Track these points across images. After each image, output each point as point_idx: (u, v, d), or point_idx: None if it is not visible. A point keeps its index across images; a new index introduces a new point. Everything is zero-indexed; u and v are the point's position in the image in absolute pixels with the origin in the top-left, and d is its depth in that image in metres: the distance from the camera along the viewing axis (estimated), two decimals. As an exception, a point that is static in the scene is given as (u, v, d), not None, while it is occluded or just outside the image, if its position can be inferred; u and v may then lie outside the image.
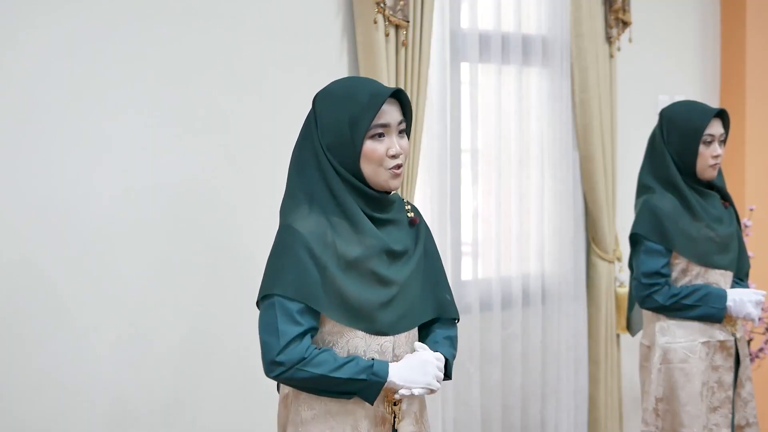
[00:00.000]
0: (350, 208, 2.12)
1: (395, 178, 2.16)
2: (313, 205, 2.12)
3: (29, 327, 2.91)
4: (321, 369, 2.05)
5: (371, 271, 2.12)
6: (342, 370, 2.06)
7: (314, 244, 2.07)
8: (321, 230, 2.09)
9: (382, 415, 2.17)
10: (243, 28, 3.29)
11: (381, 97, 2.10)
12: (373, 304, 2.13)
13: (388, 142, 2.13)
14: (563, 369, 4.20)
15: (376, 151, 2.12)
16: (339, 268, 2.09)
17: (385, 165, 2.13)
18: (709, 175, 3.26)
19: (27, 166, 2.90)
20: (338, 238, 2.10)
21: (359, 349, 2.14)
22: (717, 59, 4.96)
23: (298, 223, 2.10)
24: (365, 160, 2.12)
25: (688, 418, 3.22)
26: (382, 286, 2.14)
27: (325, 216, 2.11)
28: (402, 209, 2.27)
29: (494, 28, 3.92)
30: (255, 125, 3.33)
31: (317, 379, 2.06)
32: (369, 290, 2.12)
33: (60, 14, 2.94)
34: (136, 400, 3.10)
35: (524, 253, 4.08)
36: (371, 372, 2.08)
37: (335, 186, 2.12)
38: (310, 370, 2.05)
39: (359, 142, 2.10)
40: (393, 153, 2.13)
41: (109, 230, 3.03)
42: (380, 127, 2.12)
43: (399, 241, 2.20)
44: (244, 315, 3.23)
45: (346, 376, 2.06)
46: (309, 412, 2.16)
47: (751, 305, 3.21)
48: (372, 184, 2.15)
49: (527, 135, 4.08)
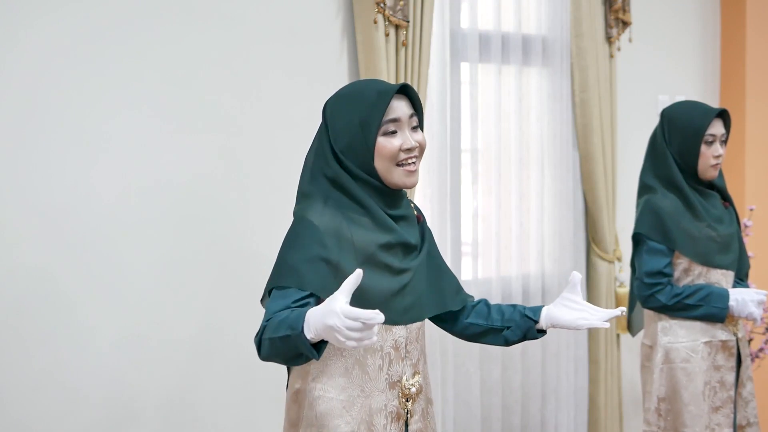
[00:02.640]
0: (367, 203, 2.12)
1: (410, 176, 2.15)
2: (328, 203, 2.12)
3: (31, 326, 2.91)
4: (269, 333, 1.91)
5: (385, 263, 2.12)
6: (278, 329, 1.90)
7: (327, 237, 2.05)
8: (336, 224, 2.08)
9: (397, 411, 2.18)
10: (243, 27, 3.29)
11: (388, 94, 2.11)
12: (386, 293, 2.12)
13: (402, 137, 2.13)
14: (563, 369, 4.20)
15: (389, 147, 2.11)
16: (356, 262, 2.07)
17: (397, 160, 2.13)
18: (710, 175, 3.26)
19: (27, 166, 2.89)
20: (356, 232, 2.09)
21: (376, 344, 2.13)
22: (717, 59, 4.96)
23: (312, 215, 2.08)
24: (379, 158, 2.12)
25: (691, 417, 3.22)
26: (394, 276, 2.15)
27: (341, 212, 2.11)
28: (409, 206, 2.28)
29: (494, 28, 3.92)
30: (255, 125, 3.33)
31: (271, 345, 1.91)
32: (383, 280, 2.12)
33: (60, 14, 2.93)
34: (139, 399, 3.10)
35: (524, 253, 4.08)
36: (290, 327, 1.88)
37: (350, 186, 2.11)
38: (266, 337, 1.92)
39: (372, 140, 2.10)
40: (407, 147, 2.13)
41: (110, 230, 3.03)
42: (391, 123, 2.12)
43: (412, 235, 2.21)
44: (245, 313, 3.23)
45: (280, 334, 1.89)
46: (323, 407, 2.15)
47: (753, 305, 3.21)
48: (387, 183, 2.15)
49: (527, 135, 4.08)
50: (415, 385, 2.21)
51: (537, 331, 2.32)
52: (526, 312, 2.33)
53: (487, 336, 2.38)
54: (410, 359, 2.20)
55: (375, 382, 2.15)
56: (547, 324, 2.30)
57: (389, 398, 2.17)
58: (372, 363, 2.14)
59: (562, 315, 2.25)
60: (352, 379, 2.13)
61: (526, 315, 2.32)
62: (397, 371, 2.17)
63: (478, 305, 2.39)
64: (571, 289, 2.25)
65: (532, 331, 2.32)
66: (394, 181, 2.14)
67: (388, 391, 2.17)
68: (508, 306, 2.39)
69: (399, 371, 2.17)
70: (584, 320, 2.22)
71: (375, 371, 2.14)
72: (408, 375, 2.19)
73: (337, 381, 2.13)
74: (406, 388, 2.19)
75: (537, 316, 2.31)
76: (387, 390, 2.17)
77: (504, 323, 2.35)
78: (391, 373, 2.16)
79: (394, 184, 2.15)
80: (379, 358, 2.14)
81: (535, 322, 2.31)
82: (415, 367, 2.21)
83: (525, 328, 2.32)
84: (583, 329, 2.24)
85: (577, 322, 2.23)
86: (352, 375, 2.13)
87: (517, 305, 2.38)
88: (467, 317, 2.38)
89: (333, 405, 2.14)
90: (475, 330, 2.38)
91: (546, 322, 2.29)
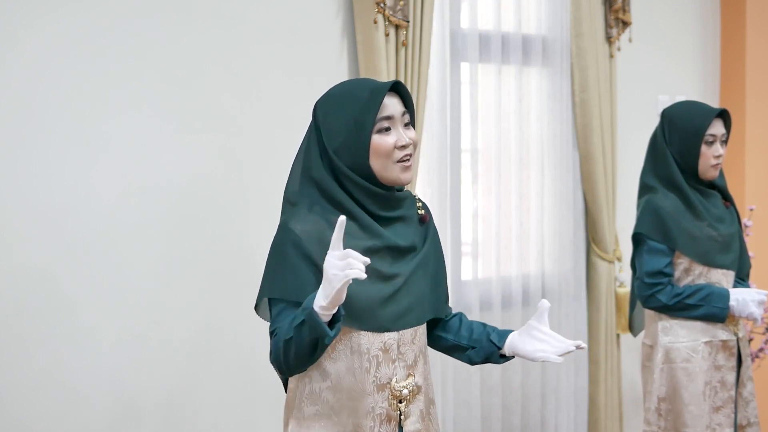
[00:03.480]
0: (351, 209, 2.12)
1: (406, 171, 2.15)
2: (313, 208, 2.12)
3: (31, 326, 2.91)
4: (282, 337, 2.03)
5: (373, 268, 2.11)
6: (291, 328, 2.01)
7: (308, 244, 2.06)
8: (318, 230, 2.08)
9: (387, 413, 2.16)
10: (243, 27, 3.29)
11: (381, 92, 2.11)
12: (374, 300, 2.12)
13: (395, 134, 2.14)
14: (563, 369, 4.19)
15: (384, 145, 2.12)
16: None
17: (393, 158, 2.13)
18: (710, 175, 3.27)
19: (27, 166, 2.89)
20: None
21: (363, 347, 2.13)
22: (717, 59, 4.97)
23: (294, 223, 2.10)
24: (374, 156, 2.12)
25: (691, 417, 3.22)
26: (383, 281, 2.14)
27: (325, 217, 2.11)
28: (413, 206, 2.27)
29: (494, 28, 3.92)
30: (255, 125, 3.33)
31: (287, 346, 2.02)
32: (370, 287, 2.11)
33: (60, 14, 2.93)
34: (139, 399, 3.10)
35: (524, 253, 4.08)
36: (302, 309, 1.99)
37: (336, 192, 2.12)
38: (280, 343, 2.03)
39: (367, 138, 2.10)
40: (402, 143, 2.13)
41: (110, 230, 3.03)
42: (385, 120, 2.12)
43: (406, 237, 2.20)
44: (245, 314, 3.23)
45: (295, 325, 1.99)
46: (311, 408, 2.15)
47: (753, 305, 3.21)
48: (383, 180, 2.15)
49: (527, 135, 4.08)
50: (407, 387, 2.18)
51: (500, 356, 2.31)
52: (491, 336, 2.31)
53: (454, 352, 2.37)
54: (404, 361, 2.18)
55: (361, 384, 2.13)
56: (509, 351, 2.28)
57: (377, 401, 2.14)
58: (359, 365, 2.12)
59: (523, 344, 2.23)
60: (340, 381, 2.12)
61: (491, 339, 2.31)
62: (386, 373, 2.15)
63: (452, 319, 2.38)
64: (538, 317, 2.22)
65: (495, 356, 2.31)
66: (391, 177, 2.14)
67: (376, 394, 2.14)
68: (480, 325, 2.36)
69: (388, 373, 2.15)
70: (542, 353, 2.20)
71: (362, 374, 2.12)
72: (399, 377, 2.17)
73: (326, 383, 2.13)
74: (397, 390, 2.16)
75: (501, 342, 2.29)
76: (375, 392, 2.14)
77: (470, 342, 2.33)
78: (379, 376, 2.14)
79: (390, 180, 2.15)
80: (366, 360, 2.13)
81: (499, 348, 2.30)
82: (409, 369, 2.18)
83: (488, 351, 2.31)
84: (539, 362, 2.24)
85: (535, 354, 2.22)
86: (340, 377, 2.12)
87: (488, 326, 2.35)
88: (440, 329, 2.37)
89: (320, 407, 2.14)
90: (443, 343, 2.37)
91: (509, 349, 2.28)
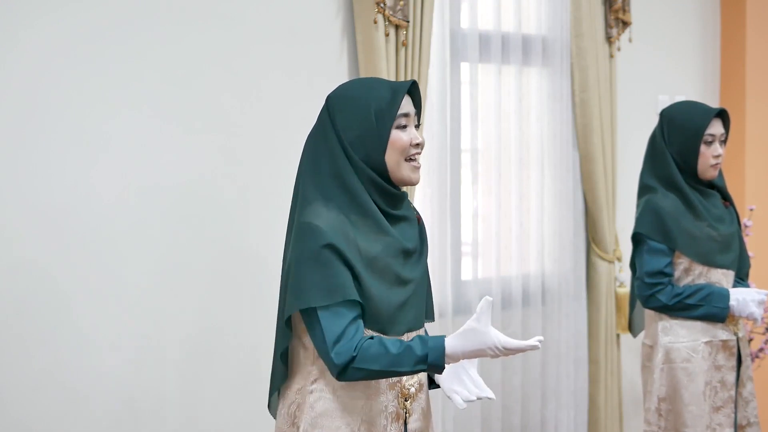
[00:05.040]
0: (368, 206, 2.12)
1: (416, 171, 2.18)
2: (329, 203, 2.11)
3: (30, 327, 2.90)
4: (377, 365, 2.04)
5: (390, 270, 2.12)
6: (400, 364, 2.04)
7: (338, 240, 2.05)
8: (341, 225, 2.08)
9: (396, 411, 2.18)
10: (243, 27, 3.29)
11: (404, 88, 2.15)
12: (393, 305, 2.13)
13: (410, 132, 2.17)
14: (563, 369, 4.19)
15: (402, 140, 2.14)
16: (362, 266, 2.08)
17: (406, 154, 2.15)
18: (710, 175, 3.27)
19: (27, 166, 2.89)
20: (359, 236, 2.09)
21: None
22: (717, 59, 4.97)
23: (318, 219, 2.07)
24: (391, 151, 2.14)
25: (691, 417, 3.22)
26: (399, 286, 2.15)
27: (343, 213, 2.10)
28: (410, 207, 2.28)
29: (494, 28, 3.92)
30: (255, 125, 3.33)
31: (378, 374, 2.06)
32: (389, 291, 2.12)
33: (60, 14, 2.93)
34: (139, 399, 3.09)
35: (524, 253, 4.08)
36: (426, 363, 2.05)
37: (352, 184, 2.11)
38: (365, 368, 2.04)
39: (387, 131, 2.12)
40: (417, 142, 2.17)
41: (110, 230, 3.03)
42: (403, 117, 2.15)
43: (411, 239, 2.21)
44: (245, 314, 3.24)
45: (405, 369, 2.05)
46: (323, 407, 2.15)
47: (754, 305, 3.21)
48: (394, 178, 2.16)
49: (527, 135, 4.08)
50: (414, 384, 2.21)
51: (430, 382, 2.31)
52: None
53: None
54: None
55: (376, 383, 2.15)
56: (437, 380, 2.28)
57: (389, 399, 2.17)
58: None
59: (443, 380, 2.22)
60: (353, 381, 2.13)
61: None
62: None
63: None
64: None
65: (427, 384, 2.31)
66: (402, 175, 2.16)
67: (388, 392, 2.17)
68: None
69: None
70: (455, 393, 2.19)
71: None
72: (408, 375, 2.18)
73: (338, 382, 2.13)
74: (406, 388, 2.19)
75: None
76: (387, 391, 2.17)
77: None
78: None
79: (401, 179, 2.16)
80: None
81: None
82: None
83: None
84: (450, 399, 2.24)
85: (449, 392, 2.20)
86: None
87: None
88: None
89: (333, 406, 2.14)
90: None
91: (437, 379, 2.29)
